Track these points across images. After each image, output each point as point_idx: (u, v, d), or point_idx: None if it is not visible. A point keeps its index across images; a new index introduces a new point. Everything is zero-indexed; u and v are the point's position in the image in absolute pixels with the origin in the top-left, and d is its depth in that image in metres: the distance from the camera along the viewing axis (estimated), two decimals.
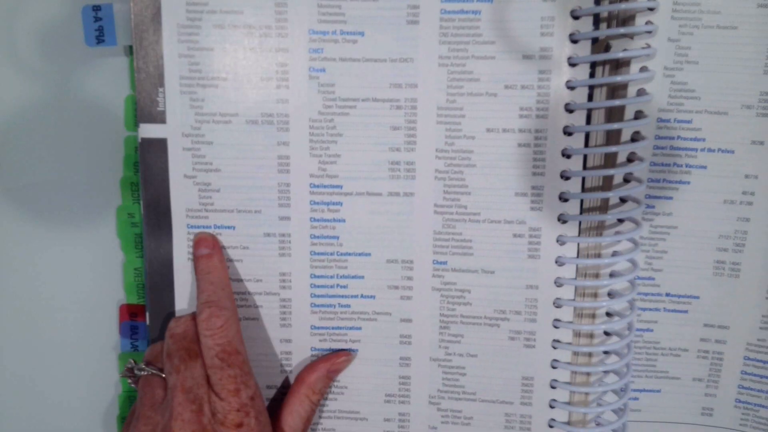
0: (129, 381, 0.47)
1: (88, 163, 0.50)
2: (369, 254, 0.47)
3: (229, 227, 0.47)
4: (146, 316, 0.48)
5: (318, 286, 0.48)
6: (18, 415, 0.52)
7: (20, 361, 0.52)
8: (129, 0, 0.45)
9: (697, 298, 0.48)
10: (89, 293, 0.51)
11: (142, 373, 0.46)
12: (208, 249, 0.47)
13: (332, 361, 0.48)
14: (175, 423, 0.41)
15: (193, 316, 0.45)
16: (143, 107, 0.46)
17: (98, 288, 0.51)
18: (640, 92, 0.45)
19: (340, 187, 0.47)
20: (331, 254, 0.47)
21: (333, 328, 0.48)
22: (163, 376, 0.45)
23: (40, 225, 0.50)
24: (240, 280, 0.48)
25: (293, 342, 0.48)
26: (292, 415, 0.46)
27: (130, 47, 0.47)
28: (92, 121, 0.49)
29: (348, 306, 0.48)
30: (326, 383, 0.48)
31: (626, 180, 0.46)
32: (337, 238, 0.47)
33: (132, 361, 0.47)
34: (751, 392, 0.48)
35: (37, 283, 0.51)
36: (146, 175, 0.47)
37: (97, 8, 0.46)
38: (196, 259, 0.47)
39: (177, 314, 0.48)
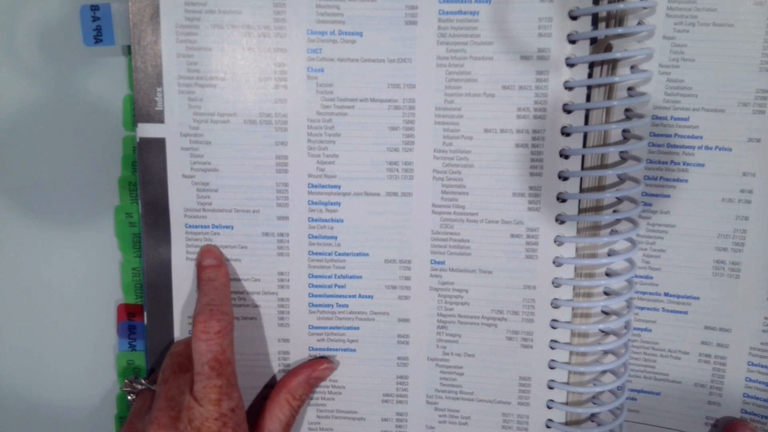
0: (129, 397, 0.47)
1: (86, 163, 0.50)
2: (367, 254, 0.48)
3: (227, 227, 0.47)
4: (144, 316, 0.48)
5: (316, 286, 0.48)
6: (16, 414, 0.52)
7: (18, 361, 0.52)
8: (127, 0, 0.45)
9: (697, 299, 0.47)
10: (87, 293, 0.51)
11: (140, 387, 0.47)
12: (216, 260, 0.47)
13: (314, 368, 0.48)
14: (151, 427, 0.42)
15: (190, 338, 0.46)
16: (141, 107, 0.46)
17: (96, 288, 0.51)
18: (633, 92, 0.45)
19: (338, 187, 0.47)
20: (329, 254, 0.47)
21: (331, 327, 0.48)
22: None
23: (38, 225, 0.50)
24: (238, 280, 0.48)
25: (291, 341, 0.48)
26: (272, 419, 0.46)
27: (128, 47, 0.47)
28: (90, 120, 0.49)
29: (346, 306, 0.48)
30: (307, 390, 0.47)
31: (622, 179, 0.46)
32: (335, 238, 0.47)
33: (133, 376, 0.47)
34: (758, 402, 0.47)
35: (34, 282, 0.51)
36: (144, 174, 0.47)
37: (95, 8, 0.46)
38: (201, 268, 0.47)
39: (174, 313, 0.48)
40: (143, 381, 0.47)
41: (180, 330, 0.48)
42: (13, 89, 0.49)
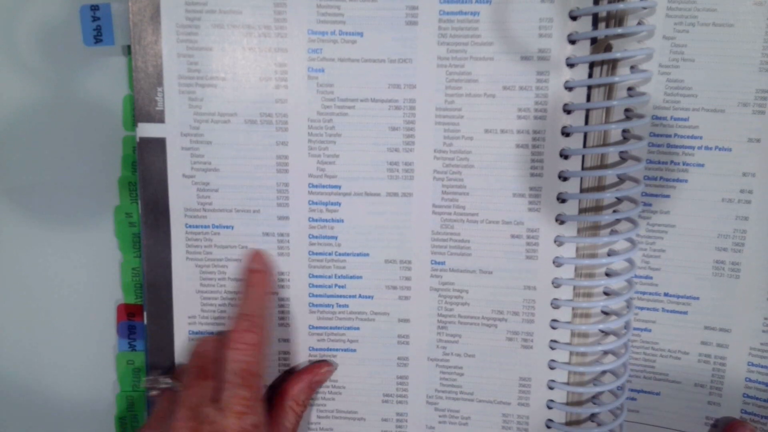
0: (151, 392, 0.47)
1: (86, 163, 0.50)
2: (367, 254, 0.48)
3: (227, 227, 0.47)
4: (144, 316, 0.48)
5: (316, 286, 0.48)
6: (16, 415, 0.52)
7: (18, 361, 0.52)
8: (127, 0, 0.45)
9: (697, 299, 0.47)
10: (87, 293, 0.51)
11: (164, 386, 0.46)
12: (263, 266, 0.47)
13: (314, 372, 0.48)
14: None
15: (217, 338, 0.46)
16: (142, 106, 0.46)
17: (96, 288, 0.51)
18: (632, 92, 0.45)
19: (339, 187, 0.47)
20: (330, 254, 0.47)
21: (331, 327, 0.48)
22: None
23: (37, 225, 0.50)
24: (239, 280, 0.48)
25: (291, 341, 0.48)
26: (278, 427, 0.46)
27: (128, 47, 0.47)
28: (90, 121, 0.49)
29: (346, 306, 0.48)
30: (309, 394, 0.47)
31: (621, 179, 0.46)
32: (336, 238, 0.47)
33: (158, 371, 0.47)
34: (758, 402, 0.47)
35: (34, 283, 0.51)
36: (145, 174, 0.47)
37: (95, 8, 0.46)
38: (247, 271, 0.47)
39: (174, 313, 0.48)
40: (168, 380, 0.46)
41: (180, 330, 0.48)
42: (13, 89, 0.49)
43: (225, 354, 0.43)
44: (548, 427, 0.48)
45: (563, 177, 0.46)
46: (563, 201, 0.46)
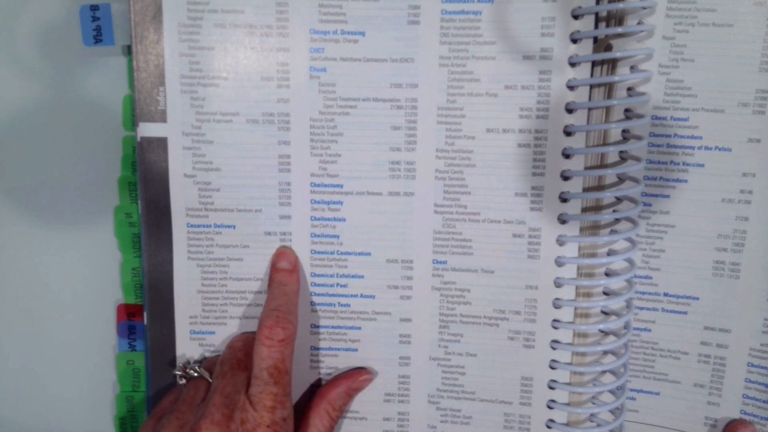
0: (180, 381, 0.47)
1: (86, 163, 0.50)
2: (369, 254, 0.48)
3: (229, 226, 0.47)
4: (144, 316, 0.48)
5: (318, 285, 0.48)
6: (16, 415, 0.52)
7: (18, 361, 0.51)
8: (127, 0, 0.45)
9: (697, 299, 0.48)
10: (87, 293, 0.51)
11: (194, 373, 0.46)
12: (290, 264, 0.47)
13: (353, 379, 0.48)
14: (204, 422, 0.41)
15: (251, 335, 0.46)
16: (143, 106, 0.46)
17: (96, 288, 0.50)
18: (632, 92, 0.45)
19: (341, 186, 0.47)
20: (332, 253, 0.47)
21: (333, 327, 0.48)
22: (210, 380, 0.45)
23: (37, 225, 0.50)
24: (240, 279, 0.48)
25: None
26: (311, 429, 0.46)
27: (128, 47, 0.47)
28: (90, 121, 0.49)
29: (348, 305, 0.48)
30: (346, 401, 0.47)
31: (621, 179, 0.46)
32: (338, 237, 0.47)
33: (187, 361, 0.48)
34: (757, 403, 0.47)
35: (34, 283, 0.51)
36: (146, 174, 0.47)
37: (95, 8, 0.46)
38: (274, 270, 0.47)
39: (175, 313, 0.48)
40: (198, 368, 0.47)
41: (181, 330, 0.48)
42: (13, 89, 0.49)
43: (254, 350, 0.43)
44: (549, 427, 0.48)
45: (565, 176, 0.46)
46: (565, 200, 0.46)
